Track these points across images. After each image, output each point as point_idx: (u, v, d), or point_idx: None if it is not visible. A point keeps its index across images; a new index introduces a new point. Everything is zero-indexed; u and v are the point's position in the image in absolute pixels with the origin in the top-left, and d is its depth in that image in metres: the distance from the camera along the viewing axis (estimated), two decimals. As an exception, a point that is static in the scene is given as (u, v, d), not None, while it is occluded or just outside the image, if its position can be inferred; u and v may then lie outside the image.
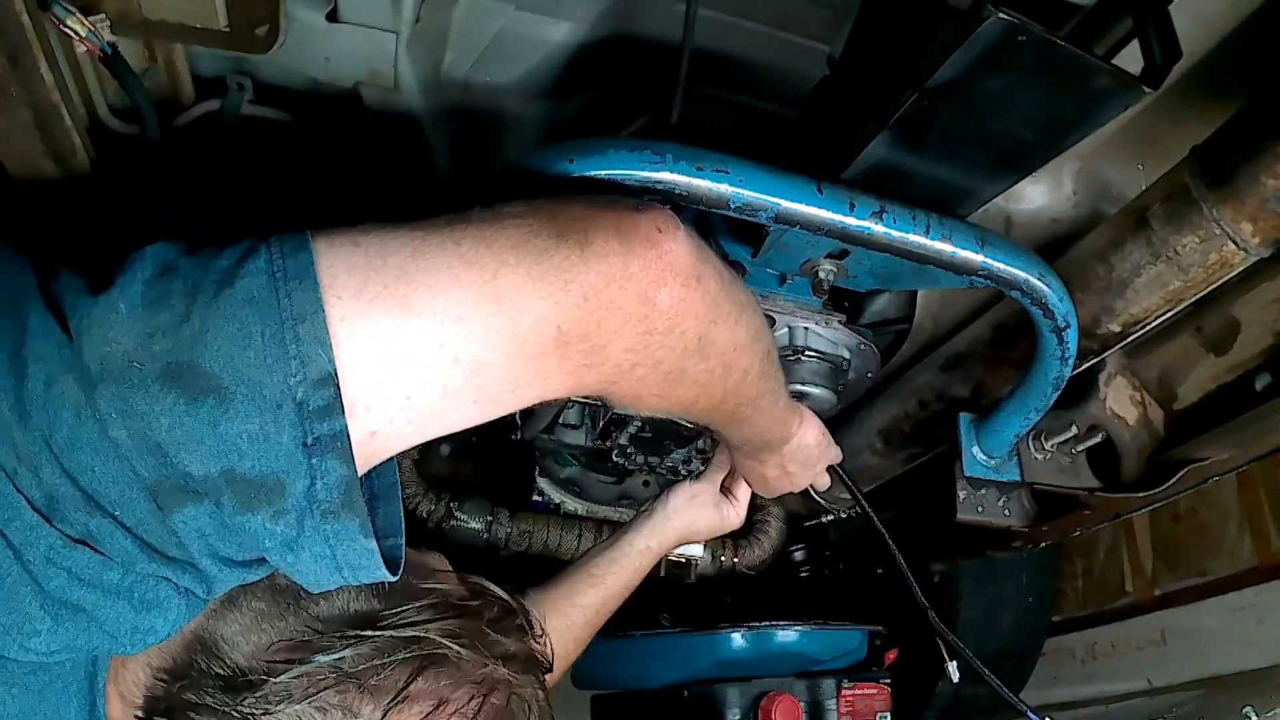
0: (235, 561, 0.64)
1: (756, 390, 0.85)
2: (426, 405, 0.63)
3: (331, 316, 0.58)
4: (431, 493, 1.63)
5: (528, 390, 0.68)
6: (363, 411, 0.60)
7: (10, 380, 0.59)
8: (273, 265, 0.59)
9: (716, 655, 1.61)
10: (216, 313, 0.58)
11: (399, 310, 0.60)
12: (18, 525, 0.60)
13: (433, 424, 0.65)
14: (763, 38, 1.18)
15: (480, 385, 0.64)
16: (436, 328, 0.61)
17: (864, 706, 1.59)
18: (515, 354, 0.64)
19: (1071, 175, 1.24)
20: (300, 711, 0.68)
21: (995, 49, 0.73)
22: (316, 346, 0.58)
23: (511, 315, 0.62)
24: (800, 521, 1.89)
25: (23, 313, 0.62)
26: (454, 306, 0.61)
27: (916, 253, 0.92)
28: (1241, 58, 1.01)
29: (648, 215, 0.67)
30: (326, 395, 0.58)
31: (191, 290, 0.59)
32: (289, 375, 0.57)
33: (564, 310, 0.63)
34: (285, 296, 0.58)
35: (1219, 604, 1.90)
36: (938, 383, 1.36)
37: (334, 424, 0.58)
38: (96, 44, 0.88)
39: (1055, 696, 2.17)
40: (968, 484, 1.29)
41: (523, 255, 0.63)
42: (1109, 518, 1.36)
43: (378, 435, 0.62)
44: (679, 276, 0.67)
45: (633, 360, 0.69)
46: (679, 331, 0.69)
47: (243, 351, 0.57)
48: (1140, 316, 1.04)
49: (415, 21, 1.07)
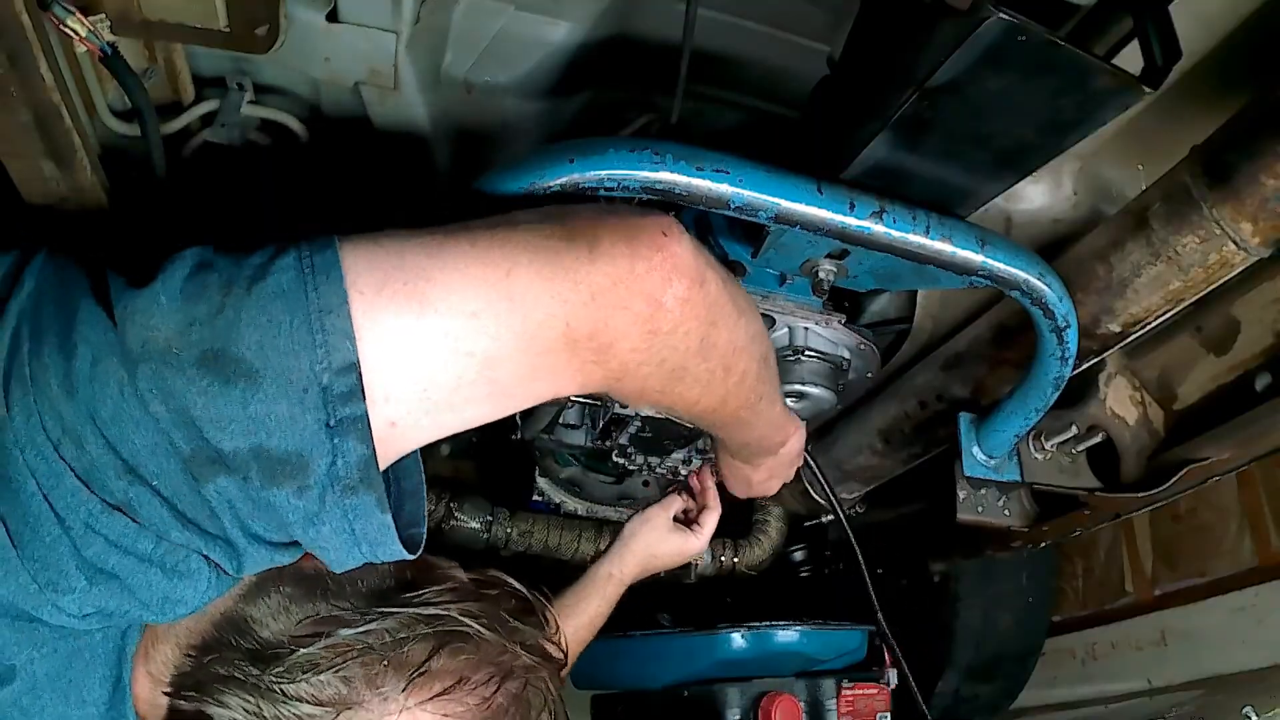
0: (264, 540, 0.67)
1: (755, 393, 0.87)
2: (442, 397, 0.66)
3: (355, 310, 0.62)
4: (431, 493, 1.63)
5: (539, 386, 0.71)
6: (382, 400, 0.64)
7: (60, 359, 0.64)
8: (301, 262, 0.64)
9: (716, 655, 1.61)
10: (249, 304, 0.62)
11: (417, 305, 0.64)
12: (60, 491, 0.63)
13: (449, 416, 0.68)
14: (763, 38, 1.18)
15: (493, 379, 0.67)
16: (451, 322, 0.64)
17: (864, 706, 1.59)
18: (526, 349, 0.67)
19: (1071, 175, 1.24)
20: (326, 681, 0.72)
21: (995, 49, 0.73)
22: (341, 337, 0.62)
23: (523, 312, 0.66)
24: (800, 521, 1.89)
25: (74, 303, 0.67)
26: (468, 303, 0.65)
27: (916, 253, 0.92)
28: (1241, 58, 1.01)
29: (653, 221, 0.71)
30: (349, 382, 0.62)
31: (226, 284, 0.63)
32: (315, 362, 0.61)
33: (573, 308, 0.67)
34: (313, 290, 0.62)
35: (1219, 604, 1.90)
36: (938, 383, 1.36)
37: (355, 408, 0.62)
38: (96, 44, 0.88)
39: (1055, 696, 2.17)
40: (968, 484, 1.29)
41: (534, 256, 0.67)
42: (1109, 518, 1.36)
43: (398, 426, 0.65)
44: (684, 278, 0.70)
45: (638, 358, 0.71)
46: (683, 331, 0.72)
47: (273, 340, 0.61)
48: (1140, 316, 1.04)
49: (415, 21, 1.07)
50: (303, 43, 1.09)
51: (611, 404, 1.33)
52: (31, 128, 0.91)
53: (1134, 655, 2.06)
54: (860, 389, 1.42)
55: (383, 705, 0.72)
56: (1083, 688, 2.16)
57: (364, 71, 1.13)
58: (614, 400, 1.34)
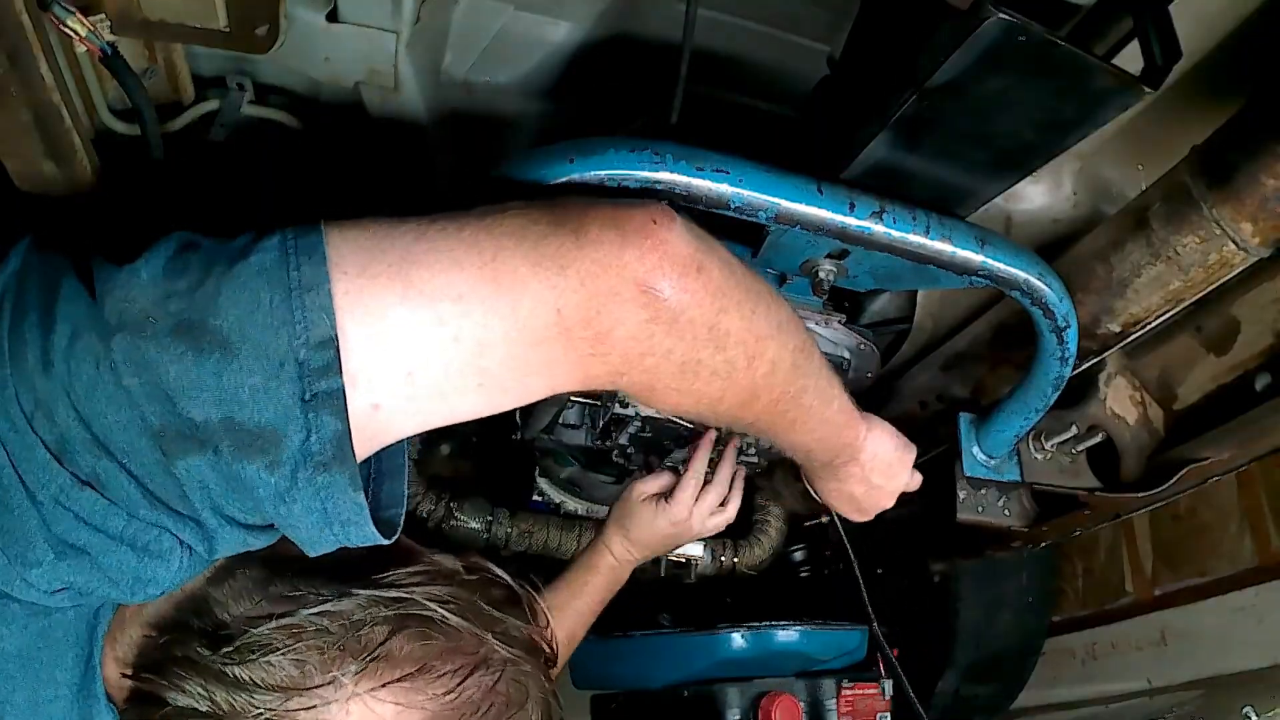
0: (238, 522, 0.66)
1: (793, 385, 0.82)
2: (428, 383, 0.65)
3: (336, 289, 0.62)
4: (431, 493, 1.63)
5: (535, 380, 0.69)
6: (365, 382, 0.63)
7: (38, 334, 0.64)
8: (285, 243, 0.63)
9: (716, 655, 1.61)
10: (230, 280, 0.62)
11: (400, 287, 0.63)
12: (31, 464, 0.63)
13: (437, 405, 0.66)
14: (763, 38, 1.17)
15: (484, 368, 0.66)
16: (436, 306, 0.63)
17: (864, 706, 1.59)
18: (516, 337, 0.65)
19: (1071, 175, 1.24)
20: (277, 663, 0.68)
21: (995, 49, 0.73)
22: (320, 313, 0.61)
23: (509, 297, 0.64)
24: (800, 521, 1.89)
25: (57, 281, 0.66)
26: (453, 286, 0.64)
27: (916, 253, 0.92)
28: (1241, 58, 1.01)
29: (643, 208, 0.69)
30: (326, 356, 0.61)
31: (208, 262, 0.63)
32: (293, 338, 0.60)
33: (562, 294, 0.65)
34: (295, 269, 0.62)
35: (1219, 604, 1.90)
36: (938, 383, 1.36)
37: (331, 382, 0.61)
38: (96, 44, 0.88)
39: (1055, 696, 2.17)
40: (968, 484, 1.29)
41: (520, 240, 0.66)
42: (1109, 518, 1.36)
43: (381, 409, 0.64)
44: (676, 266, 0.68)
45: (640, 349, 0.69)
46: (685, 320, 0.69)
47: (251, 314, 0.61)
48: (1140, 316, 1.04)
49: (415, 21, 1.07)
50: (303, 43, 1.09)
51: (611, 404, 1.33)
52: (31, 128, 0.91)
53: (1134, 655, 2.06)
54: (860, 389, 1.42)
55: (334, 690, 0.68)
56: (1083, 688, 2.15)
57: (364, 71, 1.13)
58: (614, 400, 1.34)
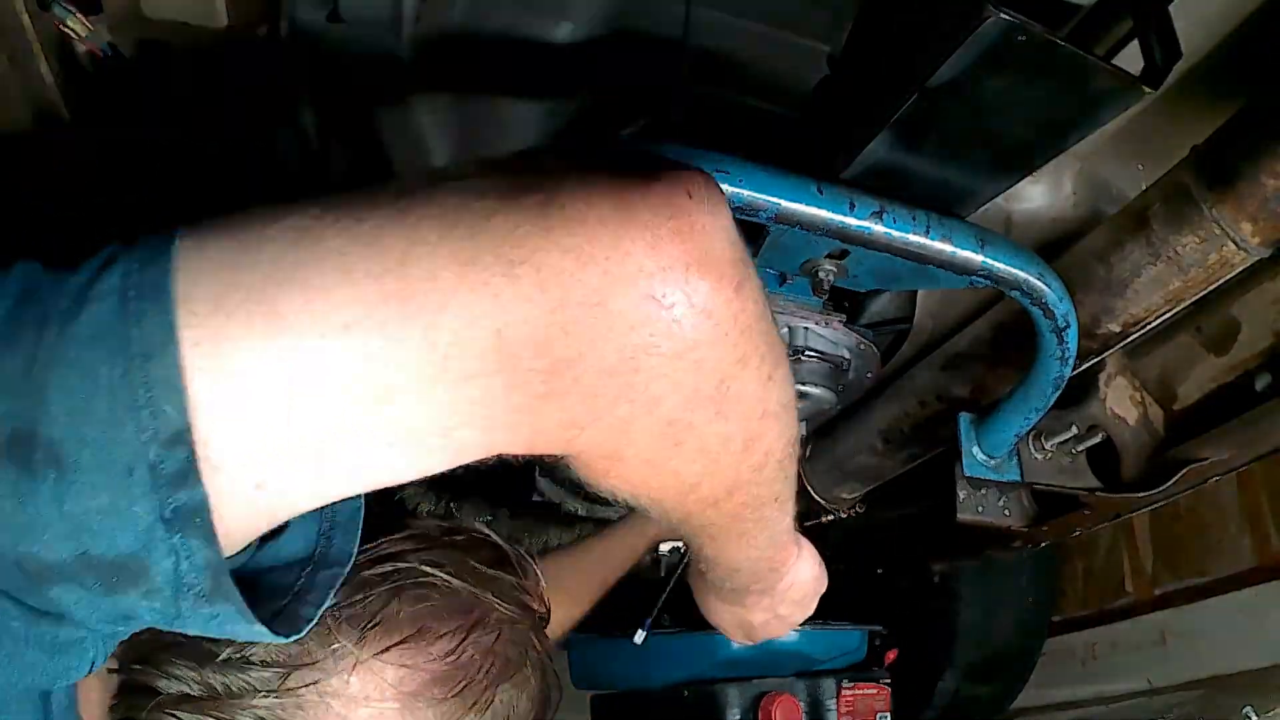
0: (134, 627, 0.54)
1: (769, 489, 0.63)
2: (320, 449, 0.47)
3: (184, 344, 0.44)
4: (431, 493, 1.62)
5: (466, 433, 0.49)
6: (236, 462, 0.46)
7: None
8: (126, 281, 0.45)
9: (716, 655, 1.60)
10: (60, 355, 0.45)
11: (262, 323, 0.44)
12: None
13: (339, 474, 0.49)
14: (763, 38, 1.17)
15: (394, 420, 0.47)
16: (316, 343, 0.45)
17: (864, 706, 1.59)
18: (434, 374, 0.46)
19: (1071, 175, 1.24)
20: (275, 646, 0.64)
21: (995, 49, 0.73)
22: (167, 391, 0.44)
23: (423, 317, 0.45)
24: (800, 521, 1.89)
25: None
26: (338, 310, 0.44)
27: (916, 253, 0.92)
28: (1241, 58, 1.01)
29: (670, 175, 0.47)
30: (180, 457, 0.44)
31: (40, 323, 0.45)
32: (140, 430, 0.44)
33: (504, 307, 0.45)
34: (135, 325, 0.44)
35: (1219, 604, 1.90)
36: (938, 383, 1.36)
37: (191, 494, 0.45)
38: (96, 44, 0.88)
39: (1055, 696, 2.17)
40: (968, 484, 1.29)
41: (450, 228, 0.45)
42: (1109, 518, 1.36)
43: (267, 487, 0.47)
44: (711, 271, 0.46)
45: (615, 390, 0.47)
46: (694, 359, 0.47)
47: (86, 406, 0.44)
48: (1140, 316, 1.04)
49: (415, 21, 1.07)
50: (303, 43, 1.09)
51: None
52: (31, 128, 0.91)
53: (1134, 655, 2.06)
54: (860, 389, 1.42)
55: (336, 661, 0.65)
56: (1083, 688, 2.15)
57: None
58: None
